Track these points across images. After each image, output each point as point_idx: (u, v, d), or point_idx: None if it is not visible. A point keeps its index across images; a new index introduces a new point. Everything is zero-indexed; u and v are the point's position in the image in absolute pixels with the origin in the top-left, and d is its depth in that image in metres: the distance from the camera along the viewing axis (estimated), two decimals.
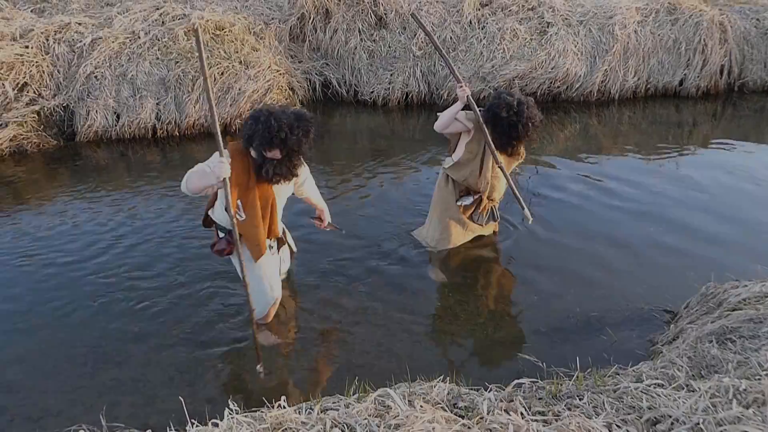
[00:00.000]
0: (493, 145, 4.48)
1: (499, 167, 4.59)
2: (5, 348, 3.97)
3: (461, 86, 4.38)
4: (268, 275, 3.84)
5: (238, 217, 3.51)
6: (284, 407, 2.54)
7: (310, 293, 4.59)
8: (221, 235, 3.76)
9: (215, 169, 3.28)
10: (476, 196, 4.85)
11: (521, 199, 4.83)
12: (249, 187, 3.50)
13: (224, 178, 3.31)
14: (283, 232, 4.11)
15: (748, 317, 3.38)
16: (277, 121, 3.26)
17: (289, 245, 4.25)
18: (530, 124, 4.42)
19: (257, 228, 3.58)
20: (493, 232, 5.36)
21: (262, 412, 2.51)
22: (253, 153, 3.44)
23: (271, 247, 3.84)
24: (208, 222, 3.90)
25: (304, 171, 3.84)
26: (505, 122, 4.42)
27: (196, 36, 3.22)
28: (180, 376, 3.73)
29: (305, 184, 3.94)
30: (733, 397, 2.41)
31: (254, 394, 3.51)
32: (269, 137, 3.28)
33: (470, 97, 4.42)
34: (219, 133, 3.30)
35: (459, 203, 4.88)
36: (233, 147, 3.47)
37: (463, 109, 4.52)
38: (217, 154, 3.34)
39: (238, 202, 3.51)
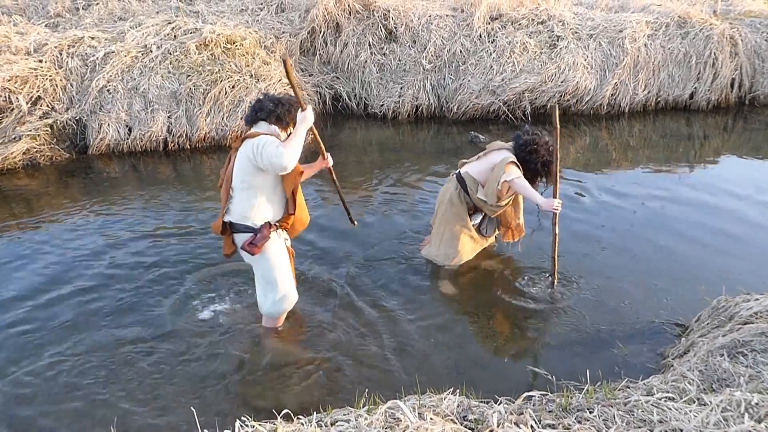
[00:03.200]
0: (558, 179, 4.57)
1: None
2: (18, 361, 4.00)
3: (556, 206, 4.43)
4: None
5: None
6: (294, 419, 2.55)
7: (319, 306, 4.60)
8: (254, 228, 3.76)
9: (308, 117, 3.68)
10: (483, 214, 5.02)
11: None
12: None
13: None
14: None
15: (760, 331, 3.37)
16: (294, 101, 3.78)
17: None
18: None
19: (302, 199, 4.00)
20: (494, 238, 5.38)
21: (273, 424, 2.52)
22: (280, 132, 3.75)
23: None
24: (224, 229, 3.82)
25: None
26: (540, 162, 4.63)
27: (285, 65, 3.59)
28: (191, 387, 3.73)
29: None
30: (745, 411, 2.41)
31: (265, 407, 3.50)
32: (295, 114, 3.74)
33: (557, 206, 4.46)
34: (296, 85, 3.69)
35: (471, 222, 5.01)
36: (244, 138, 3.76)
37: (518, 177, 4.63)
38: (271, 137, 3.59)
39: None
